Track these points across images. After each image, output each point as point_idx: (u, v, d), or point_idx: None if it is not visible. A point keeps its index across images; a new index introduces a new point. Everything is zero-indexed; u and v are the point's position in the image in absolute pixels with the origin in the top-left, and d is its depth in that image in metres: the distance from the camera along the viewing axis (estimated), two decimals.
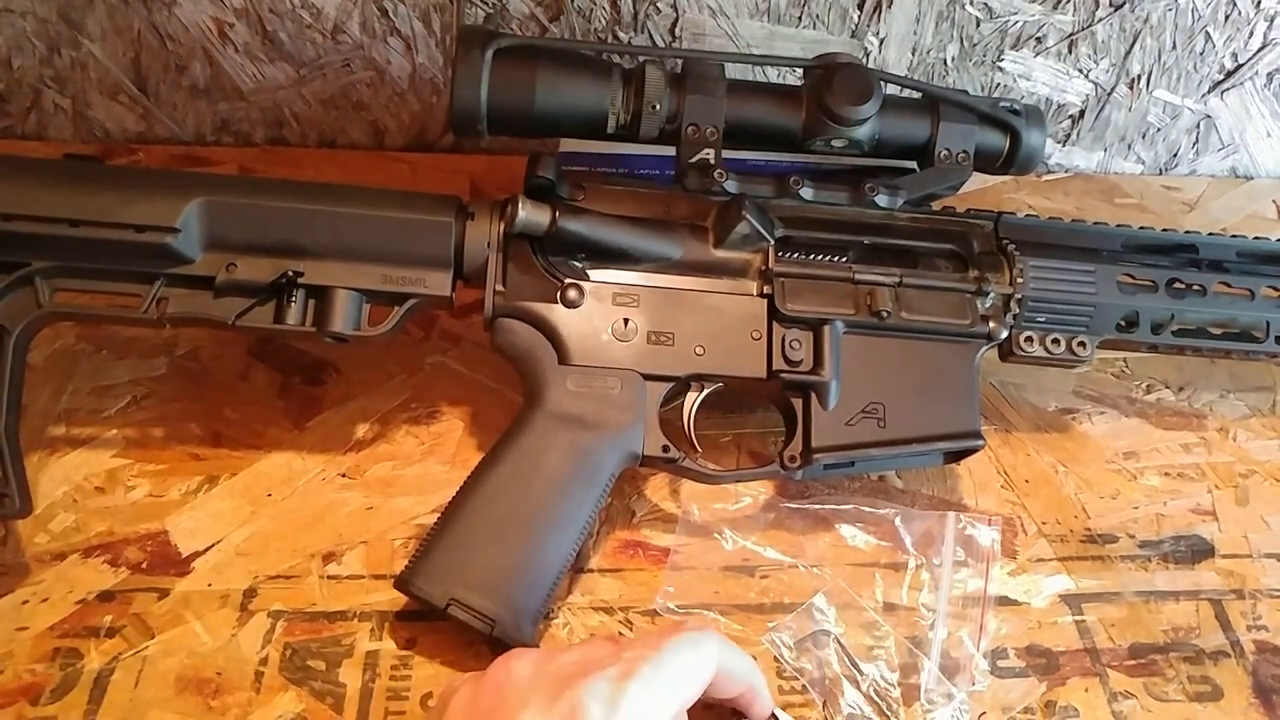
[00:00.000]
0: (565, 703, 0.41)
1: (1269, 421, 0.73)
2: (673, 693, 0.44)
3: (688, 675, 0.45)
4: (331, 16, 0.77)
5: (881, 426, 0.60)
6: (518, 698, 0.42)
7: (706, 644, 0.46)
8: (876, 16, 0.79)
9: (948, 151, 0.63)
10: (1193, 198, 0.90)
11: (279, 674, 0.54)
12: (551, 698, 0.41)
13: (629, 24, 0.78)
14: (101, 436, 0.64)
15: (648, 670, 0.43)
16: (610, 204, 0.60)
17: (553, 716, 0.41)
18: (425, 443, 0.66)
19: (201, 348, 0.69)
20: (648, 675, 0.43)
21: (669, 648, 0.44)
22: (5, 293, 0.55)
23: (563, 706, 0.41)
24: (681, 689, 0.45)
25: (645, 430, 0.58)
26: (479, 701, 0.43)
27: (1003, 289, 0.62)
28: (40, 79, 0.79)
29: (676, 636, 0.45)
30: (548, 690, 0.42)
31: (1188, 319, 0.66)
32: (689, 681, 0.45)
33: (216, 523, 0.61)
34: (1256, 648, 0.60)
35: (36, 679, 0.53)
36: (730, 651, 0.48)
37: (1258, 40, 0.83)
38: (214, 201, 0.56)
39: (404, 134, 0.85)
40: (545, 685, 0.42)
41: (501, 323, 0.59)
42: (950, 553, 0.62)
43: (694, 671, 0.45)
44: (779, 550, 0.62)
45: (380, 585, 0.58)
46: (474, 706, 0.43)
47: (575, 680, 0.42)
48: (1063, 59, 0.83)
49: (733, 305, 0.60)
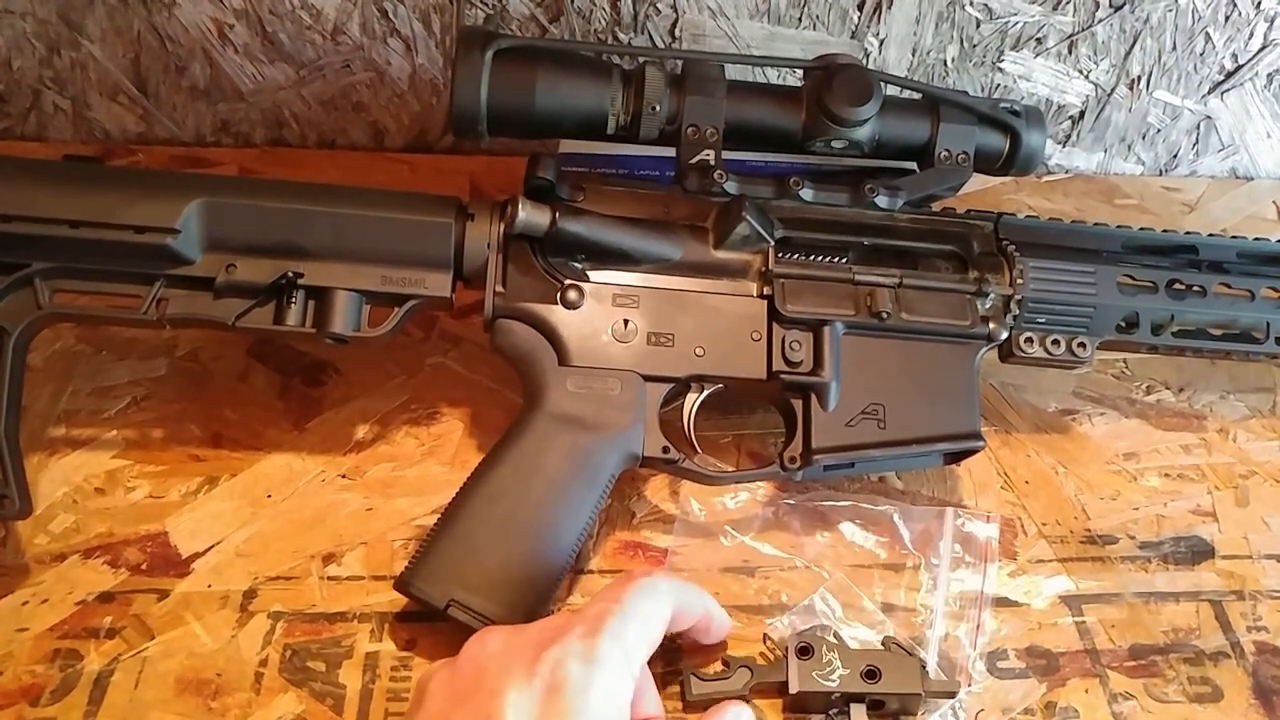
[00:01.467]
0: (545, 664, 0.43)
1: (1269, 422, 0.73)
2: (640, 638, 0.46)
3: (651, 619, 0.47)
4: (331, 17, 0.77)
5: (881, 427, 0.60)
6: (498, 669, 0.43)
7: (659, 586, 0.49)
8: (876, 17, 0.79)
9: (948, 152, 0.63)
10: (1193, 199, 0.90)
11: (279, 675, 0.54)
12: (531, 662, 0.43)
13: (629, 25, 0.78)
14: (101, 437, 0.64)
15: (614, 622, 0.45)
16: (610, 205, 0.60)
17: (536, 680, 0.42)
18: (425, 444, 0.66)
19: (201, 349, 0.69)
20: (615, 627, 0.45)
21: (628, 598, 0.47)
22: (5, 294, 0.55)
23: (543, 669, 0.43)
24: (648, 633, 0.47)
25: (645, 431, 0.58)
26: (457, 682, 0.44)
27: (1003, 290, 0.62)
28: (40, 80, 0.79)
29: (631, 586, 0.48)
30: (525, 656, 0.43)
31: (1188, 320, 0.66)
32: (653, 624, 0.47)
33: (216, 524, 0.61)
34: (1256, 649, 0.60)
35: (36, 680, 0.53)
36: (680, 587, 0.51)
37: (1258, 41, 0.83)
38: (214, 202, 0.56)
39: (404, 135, 0.85)
40: (522, 653, 0.44)
41: (501, 324, 0.59)
42: (949, 549, 0.62)
43: (656, 613, 0.48)
44: (778, 548, 0.62)
45: (380, 586, 0.58)
46: (453, 688, 0.44)
47: (549, 643, 0.44)
48: (1063, 60, 0.83)
49: (733, 306, 0.60)
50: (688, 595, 0.52)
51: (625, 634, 0.45)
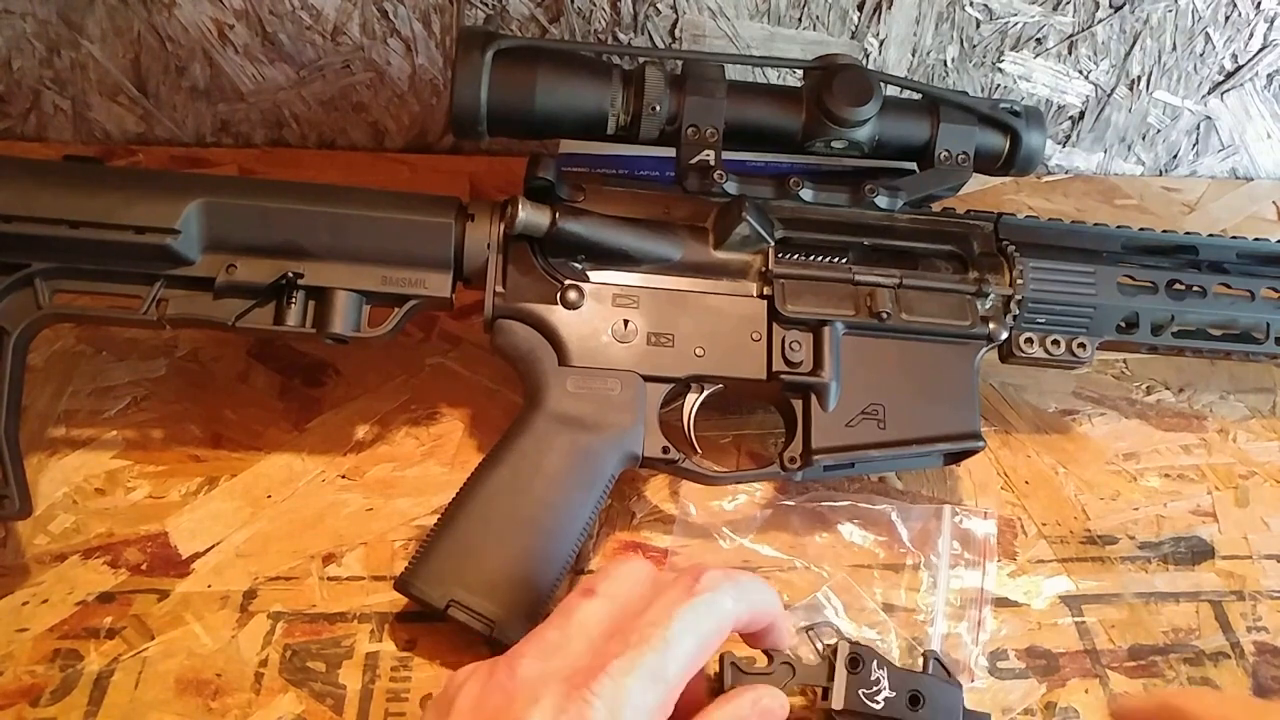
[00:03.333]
0: (574, 704, 0.39)
1: (1269, 423, 0.73)
2: (681, 668, 0.41)
3: (699, 645, 0.42)
4: (331, 18, 0.77)
5: (881, 428, 0.60)
6: (526, 699, 0.40)
7: (721, 604, 0.43)
8: (876, 18, 0.79)
9: (948, 153, 0.63)
10: (1193, 199, 0.90)
11: (279, 675, 0.54)
12: (559, 698, 0.40)
13: (629, 25, 0.78)
14: (101, 438, 0.64)
15: (652, 659, 0.40)
16: (610, 205, 0.60)
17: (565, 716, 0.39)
18: (425, 444, 0.66)
19: (201, 349, 0.69)
20: (652, 665, 0.40)
21: (678, 622, 0.42)
22: (5, 294, 0.55)
23: (570, 709, 0.39)
24: (693, 662, 0.42)
25: (645, 431, 0.58)
26: (485, 701, 0.41)
27: (1003, 290, 0.62)
28: (40, 80, 0.79)
29: (686, 605, 0.42)
30: (557, 690, 0.40)
31: (1188, 320, 0.66)
32: (701, 651, 0.42)
33: (216, 524, 0.61)
34: (1256, 649, 0.60)
35: (36, 680, 0.53)
36: (750, 590, 0.45)
37: (1258, 41, 0.83)
38: (214, 203, 0.56)
39: (404, 135, 0.85)
40: (549, 686, 0.40)
41: (501, 324, 0.59)
42: (947, 547, 0.62)
43: (707, 639, 0.43)
44: (777, 549, 0.62)
45: (380, 586, 0.58)
46: (479, 707, 0.41)
47: (580, 681, 0.40)
48: (1063, 60, 0.83)
49: (733, 306, 0.60)
50: (758, 598, 0.46)
51: (666, 669, 0.41)
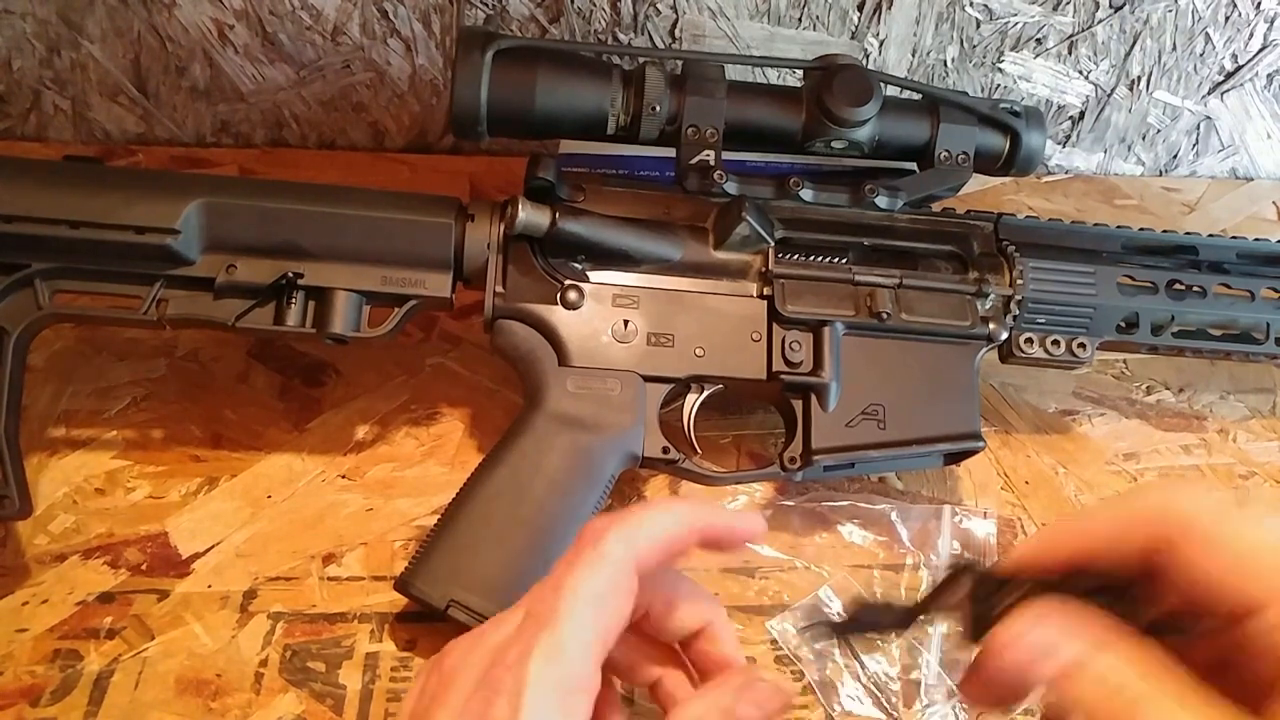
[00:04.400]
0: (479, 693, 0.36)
1: (1269, 423, 0.73)
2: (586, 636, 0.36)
3: (596, 607, 0.37)
4: (331, 18, 0.77)
5: (881, 428, 0.60)
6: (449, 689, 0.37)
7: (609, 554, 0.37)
8: (876, 18, 0.79)
9: (948, 153, 0.63)
10: (1193, 199, 0.90)
11: (279, 675, 0.54)
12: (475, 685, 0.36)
13: (629, 25, 0.78)
14: (101, 438, 0.64)
15: (545, 638, 0.36)
16: (610, 205, 0.60)
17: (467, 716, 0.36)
18: (425, 444, 0.66)
19: (201, 349, 0.69)
20: (547, 646, 0.36)
21: (566, 591, 0.37)
22: (5, 294, 0.55)
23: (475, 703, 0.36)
24: (599, 624, 0.37)
25: (645, 432, 0.58)
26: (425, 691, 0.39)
27: (1003, 290, 0.62)
28: (40, 80, 0.79)
29: (571, 574, 0.37)
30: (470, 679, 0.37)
31: (1188, 320, 0.66)
32: (602, 610, 0.37)
33: (216, 524, 0.61)
34: None
35: (36, 680, 0.53)
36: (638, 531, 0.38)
37: (1258, 41, 0.83)
38: (214, 203, 0.56)
39: (404, 135, 0.85)
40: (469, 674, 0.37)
41: (501, 324, 0.59)
42: (947, 547, 0.62)
43: (602, 597, 0.37)
44: (777, 549, 0.62)
45: (380, 587, 0.58)
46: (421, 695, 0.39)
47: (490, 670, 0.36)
48: (1063, 60, 0.83)
49: (733, 307, 0.60)
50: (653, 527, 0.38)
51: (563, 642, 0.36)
